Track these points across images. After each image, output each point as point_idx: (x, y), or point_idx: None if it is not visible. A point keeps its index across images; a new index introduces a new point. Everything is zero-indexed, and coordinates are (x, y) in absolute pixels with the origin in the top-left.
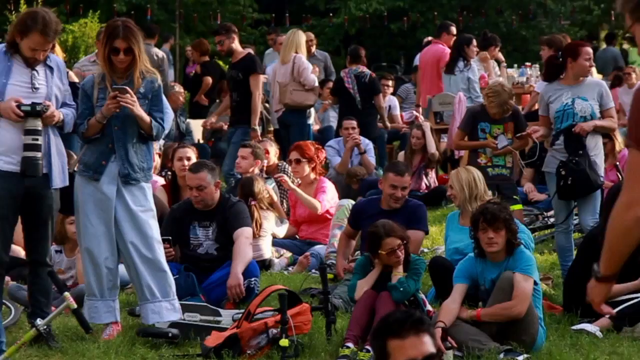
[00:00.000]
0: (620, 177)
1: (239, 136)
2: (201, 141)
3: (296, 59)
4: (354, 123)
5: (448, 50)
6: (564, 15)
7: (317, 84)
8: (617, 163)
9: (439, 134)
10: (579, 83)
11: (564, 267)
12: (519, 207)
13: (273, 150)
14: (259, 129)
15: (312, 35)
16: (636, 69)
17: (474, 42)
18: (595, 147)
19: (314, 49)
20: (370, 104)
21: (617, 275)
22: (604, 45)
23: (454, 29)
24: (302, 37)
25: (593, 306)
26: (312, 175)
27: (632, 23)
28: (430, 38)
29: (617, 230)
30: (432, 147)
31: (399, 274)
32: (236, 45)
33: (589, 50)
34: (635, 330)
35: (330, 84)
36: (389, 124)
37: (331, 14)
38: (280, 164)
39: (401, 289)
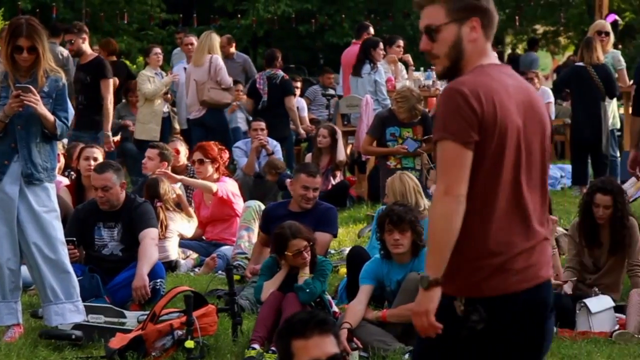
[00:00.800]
0: None
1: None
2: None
3: (212, 60)
4: (263, 124)
5: None
6: None
7: (232, 84)
8: None
9: (346, 136)
10: None
11: None
12: None
13: (183, 150)
14: (112, 136)
15: (231, 38)
16: (539, 74)
17: (381, 45)
18: None
19: (232, 49)
20: (281, 106)
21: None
22: (508, 50)
23: (372, 30)
24: (215, 39)
25: (426, 319)
26: (216, 176)
27: (448, 21)
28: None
29: (439, 220)
30: (341, 155)
31: (305, 275)
32: (86, 46)
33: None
34: None
35: (240, 86)
36: (301, 130)
37: (239, 15)
38: (189, 165)
39: (307, 290)
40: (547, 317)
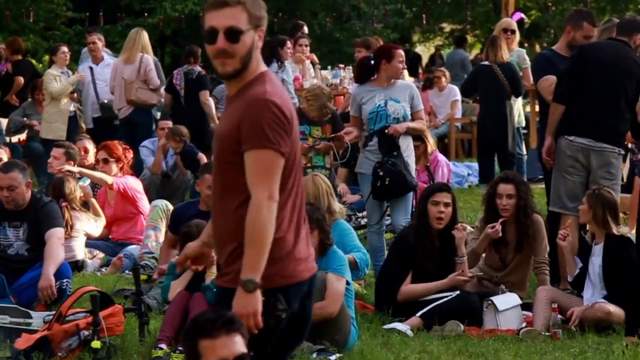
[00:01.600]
0: (431, 178)
1: None
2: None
3: (143, 59)
4: (170, 123)
5: None
6: (377, 18)
7: (159, 84)
8: (428, 164)
9: None
10: (391, 85)
11: (377, 267)
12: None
13: (92, 148)
14: (17, 135)
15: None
16: (446, 72)
17: (288, 43)
18: (407, 149)
19: None
20: (199, 101)
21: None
22: (416, 48)
23: (306, 28)
24: (146, 37)
25: (255, 319)
26: (120, 175)
27: (249, 27)
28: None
29: (267, 224)
30: None
31: (212, 274)
32: None
33: (402, 52)
34: (444, 329)
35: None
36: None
37: (146, 14)
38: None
39: (215, 289)
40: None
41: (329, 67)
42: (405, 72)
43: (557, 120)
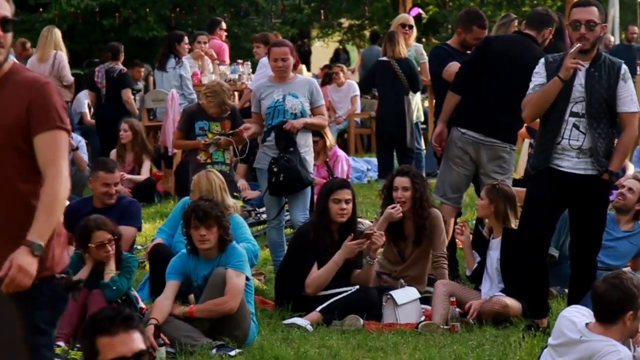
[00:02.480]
0: (330, 174)
1: None
2: None
3: (57, 56)
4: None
5: (225, 45)
6: (275, 14)
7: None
8: (328, 160)
9: (152, 130)
10: (290, 80)
11: (276, 263)
12: (239, 203)
13: None
14: None
15: (25, 41)
16: (344, 68)
17: (186, 39)
18: (305, 144)
19: (30, 51)
20: (120, 98)
21: None
22: (315, 44)
23: (224, 24)
24: (59, 34)
25: (27, 278)
26: None
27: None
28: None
29: (62, 199)
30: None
31: (111, 272)
32: None
33: (278, 50)
34: (344, 324)
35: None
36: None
37: (41, 9)
38: None
39: (114, 287)
40: None
41: (228, 62)
42: (303, 67)
43: (451, 109)
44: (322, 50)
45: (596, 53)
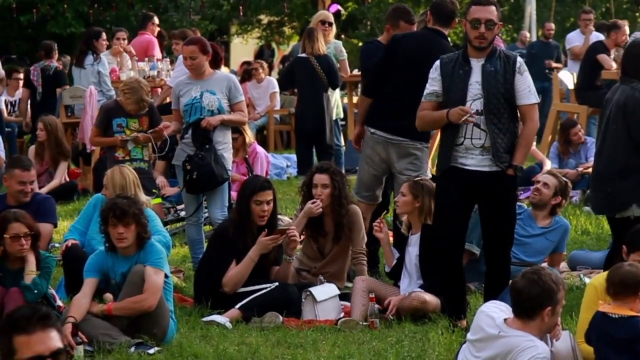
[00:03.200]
0: (249, 170)
1: None
2: None
3: None
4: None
5: (154, 40)
6: (194, 10)
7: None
8: (247, 157)
9: (70, 127)
10: (208, 77)
11: (195, 260)
12: (157, 200)
13: None
14: None
15: None
16: (264, 64)
17: (104, 35)
18: (224, 141)
19: None
20: (55, 97)
21: None
22: (234, 40)
23: (156, 19)
24: None
25: None
26: None
27: None
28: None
29: None
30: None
31: (32, 273)
32: None
33: (185, 49)
34: (263, 321)
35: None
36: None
37: None
38: None
39: (35, 290)
40: None
41: (147, 59)
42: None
43: (365, 111)
44: (241, 47)
45: (491, 49)
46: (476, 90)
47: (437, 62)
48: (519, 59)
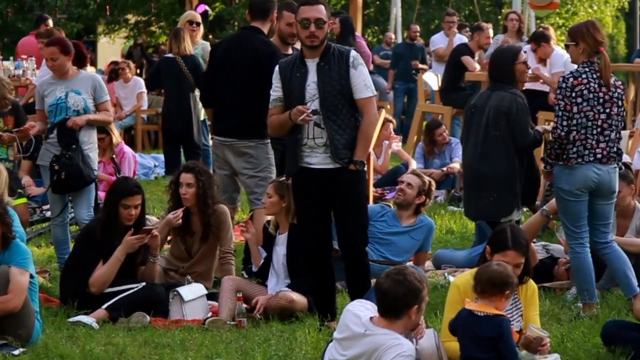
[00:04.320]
0: (117, 170)
1: None
2: None
3: None
4: None
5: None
6: (60, 9)
7: None
8: (114, 156)
9: None
10: (72, 77)
11: (61, 260)
12: (23, 200)
13: None
14: None
15: None
16: (130, 64)
17: None
18: (89, 141)
19: None
20: None
21: None
22: (101, 39)
23: (50, 21)
24: None
25: None
26: None
27: None
28: None
29: None
30: None
31: None
32: None
33: (46, 50)
34: (130, 321)
35: None
36: None
37: None
38: None
39: None
40: None
41: (11, 57)
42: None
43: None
44: (108, 47)
45: (325, 47)
46: (313, 90)
47: (277, 68)
48: (353, 53)
